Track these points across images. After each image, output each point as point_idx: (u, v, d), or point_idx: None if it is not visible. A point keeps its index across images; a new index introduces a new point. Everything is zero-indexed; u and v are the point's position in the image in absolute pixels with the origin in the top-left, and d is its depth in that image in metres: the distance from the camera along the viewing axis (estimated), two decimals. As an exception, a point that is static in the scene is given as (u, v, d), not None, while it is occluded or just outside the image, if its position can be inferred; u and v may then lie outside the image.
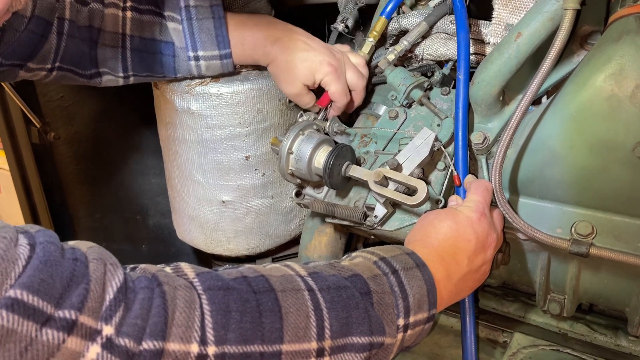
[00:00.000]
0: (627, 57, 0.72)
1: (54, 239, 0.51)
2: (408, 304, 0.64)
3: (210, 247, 1.19)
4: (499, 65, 0.83)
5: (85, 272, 0.49)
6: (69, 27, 0.91)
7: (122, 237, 1.53)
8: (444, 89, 0.97)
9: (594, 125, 0.76)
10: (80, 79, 0.98)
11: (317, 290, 0.60)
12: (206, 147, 1.08)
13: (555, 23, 0.77)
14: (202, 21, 0.96)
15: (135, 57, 0.98)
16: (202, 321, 0.52)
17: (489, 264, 0.79)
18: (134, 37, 0.97)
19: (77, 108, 1.35)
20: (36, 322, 0.45)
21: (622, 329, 0.98)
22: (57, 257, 0.49)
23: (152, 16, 0.97)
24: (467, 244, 0.75)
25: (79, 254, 0.51)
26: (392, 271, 0.65)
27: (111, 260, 0.53)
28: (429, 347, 0.99)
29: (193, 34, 0.96)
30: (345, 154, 0.90)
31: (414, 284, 0.65)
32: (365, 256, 0.68)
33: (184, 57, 0.98)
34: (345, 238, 1.12)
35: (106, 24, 0.95)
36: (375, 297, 0.62)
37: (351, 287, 0.61)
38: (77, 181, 1.43)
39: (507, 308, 1.07)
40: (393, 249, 0.70)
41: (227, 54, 0.98)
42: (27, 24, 0.87)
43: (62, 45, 0.92)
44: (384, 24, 1.03)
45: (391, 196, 0.84)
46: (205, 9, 0.96)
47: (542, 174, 0.84)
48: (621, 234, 0.81)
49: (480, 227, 0.76)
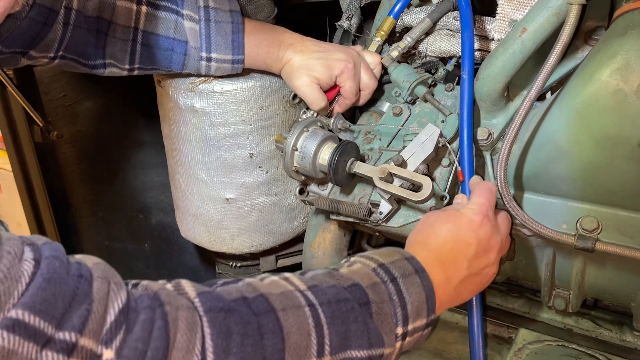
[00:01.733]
0: (632, 52, 0.72)
1: (60, 253, 0.50)
2: (406, 312, 0.64)
3: (214, 244, 1.19)
4: (504, 61, 0.83)
5: (89, 291, 0.49)
6: (76, 17, 0.91)
7: (125, 236, 1.53)
8: (448, 85, 0.97)
9: (600, 120, 0.76)
10: (82, 67, 0.97)
11: (317, 305, 0.59)
12: (210, 145, 1.08)
13: (560, 18, 0.77)
14: (220, 24, 0.96)
15: (144, 51, 0.97)
16: (203, 344, 0.52)
17: (493, 267, 0.78)
18: (146, 33, 0.96)
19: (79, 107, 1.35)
20: (37, 343, 0.44)
21: (628, 324, 0.98)
22: (62, 274, 0.48)
23: (168, 13, 0.96)
24: (468, 247, 0.74)
25: (84, 270, 0.50)
26: (390, 279, 0.65)
27: (115, 279, 0.52)
28: (435, 343, 0.99)
29: (209, 36, 0.96)
30: (349, 151, 0.90)
31: (413, 291, 0.65)
32: (364, 262, 0.68)
33: (196, 57, 0.98)
34: (349, 235, 1.12)
35: (118, 16, 0.94)
36: (374, 307, 0.62)
37: (351, 299, 0.61)
38: (79, 180, 1.43)
39: (512, 304, 1.07)
40: (392, 253, 0.70)
41: (240, 59, 0.99)
42: (28, 12, 0.85)
43: (68, 35, 0.91)
44: (391, 24, 1.03)
45: (396, 192, 0.84)
46: (224, 12, 0.97)
47: (547, 170, 0.84)
48: (627, 229, 0.81)
49: (482, 230, 0.75)
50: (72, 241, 1.45)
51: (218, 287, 0.59)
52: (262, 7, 1.07)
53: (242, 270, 1.31)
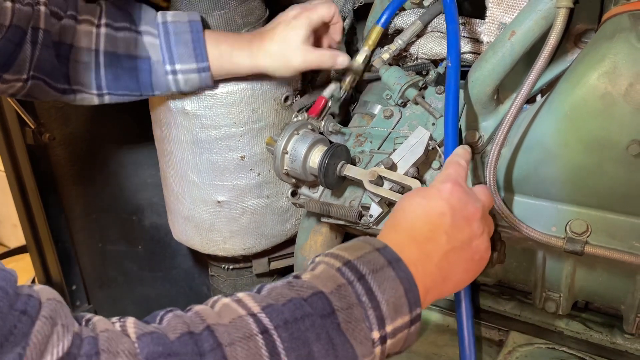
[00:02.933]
0: (620, 55, 0.72)
1: (7, 283, 0.46)
2: (381, 313, 0.57)
3: (206, 247, 1.19)
4: (493, 64, 0.83)
5: (28, 332, 0.44)
6: (44, 36, 0.90)
7: (118, 238, 1.52)
8: (439, 87, 0.97)
9: (588, 124, 0.76)
10: (53, 91, 0.96)
11: (272, 329, 0.53)
12: (201, 147, 1.08)
13: (549, 21, 0.77)
14: (180, 35, 0.96)
15: (109, 74, 0.97)
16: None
17: (482, 240, 0.69)
18: (107, 53, 0.96)
19: (72, 109, 1.35)
20: None
21: (618, 327, 0.98)
22: (2, 307, 0.44)
23: (126, 32, 0.96)
24: (442, 217, 0.66)
25: (31, 305, 0.46)
26: (358, 277, 0.58)
27: (64, 321, 0.47)
28: (426, 346, 0.99)
29: (170, 47, 0.96)
30: (340, 154, 0.90)
31: (387, 286, 0.58)
32: (328, 262, 0.61)
33: (162, 72, 0.97)
34: (341, 237, 1.12)
35: (79, 40, 0.94)
36: (341, 315, 0.55)
37: (311, 314, 0.55)
38: (72, 182, 1.42)
39: (503, 306, 1.07)
40: (362, 245, 0.62)
41: (205, 67, 0.97)
42: (5, 33, 0.85)
43: (36, 54, 0.90)
44: (379, 34, 1.02)
45: (386, 195, 0.84)
46: (183, 24, 0.96)
47: (536, 173, 0.84)
48: (616, 232, 0.82)
49: (453, 197, 0.67)
50: (65, 243, 1.45)
51: (165, 321, 0.54)
52: (253, 10, 1.07)
53: (235, 272, 1.31)
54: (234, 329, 0.52)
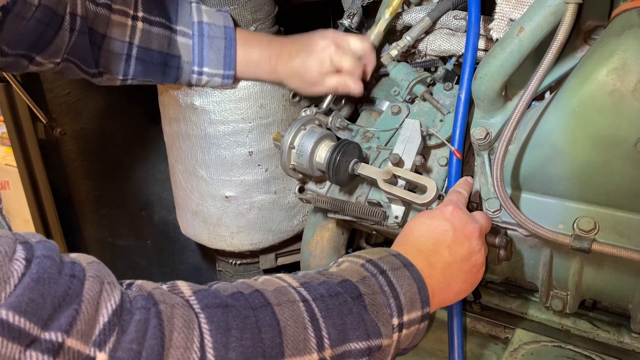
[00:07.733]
0: (629, 52, 0.71)
1: (53, 252, 0.49)
2: (400, 303, 0.64)
3: (214, 242, 1.20)
4: (502, 60, 0.83)
5: (80, 291, 0.48)
6: (81, 23, 0.92)
7: (128, 233, 1.54)
8: (447, 84, 0.97)
9: (597, 120, 0.75)
10: (82, 73, 0.98)
11: (311, 300, 0.59)
12: (209, 143, 1.09)
13: (558, 17, 0.77)
14: (214, 39, 0.98)
15: (139, 65, 0.99)
16: (202, 341, 0.51)
17: (480, 255, 0.77)
18: (141, 48, 0.97)
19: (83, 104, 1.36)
20: (20, 344, 0.44)
21: (625, 326, 0.97)
22: (53, 274, 0.47)
23: (162, 29, 0.98)
24: (445, 234, 0.74)
25: (78, 269, 0.50)
26: (380, 272, 0.65)
27: (109, 279, 0.51)
28: (431, 342, 0.99)
29: (202, 51, 0.99)
30: (352, 151, 0.90)
31: (404, 282, 0.65)
32: (352, 260, 0.68)
33: (188, 70, 1.00)
34: (347, 233, 1.12)
35: (112, 30, 0.95)
36: (367, 299, 0.62)
37: (343, 293, 0.61)
38: (83, 177, 1.44)
39: (509, 304, 1.06)
40: (379, 251, 0.70)
41: (231, 75, 1.01)
42: (34, 13, 0.86)
43: (73, 40, 0.92)
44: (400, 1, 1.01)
45: (401, 195, 0.84)
46: (218, 28, 0.98)
47: (544, 169, 0.84)
48: (624, 230, 0.81)
49: (454, 217, 0.76)
50: (75, 237, 1.46)
51: (213, 285, 0.59)
52: (262, 6, 1.08)
53: (242, 267, 1.32)
54: (280, 294, 0.59)
